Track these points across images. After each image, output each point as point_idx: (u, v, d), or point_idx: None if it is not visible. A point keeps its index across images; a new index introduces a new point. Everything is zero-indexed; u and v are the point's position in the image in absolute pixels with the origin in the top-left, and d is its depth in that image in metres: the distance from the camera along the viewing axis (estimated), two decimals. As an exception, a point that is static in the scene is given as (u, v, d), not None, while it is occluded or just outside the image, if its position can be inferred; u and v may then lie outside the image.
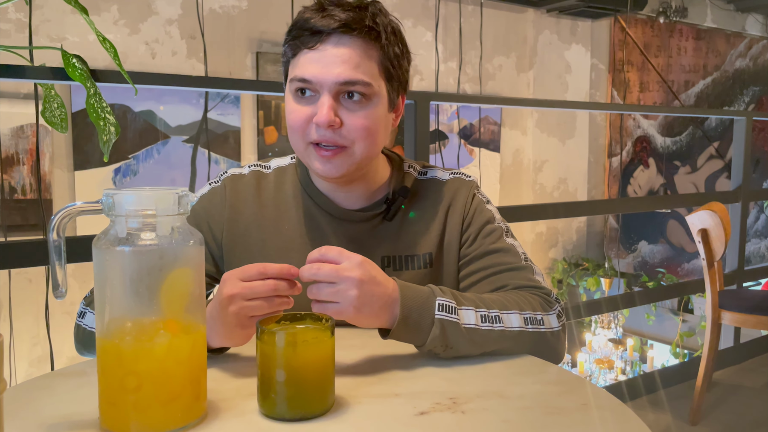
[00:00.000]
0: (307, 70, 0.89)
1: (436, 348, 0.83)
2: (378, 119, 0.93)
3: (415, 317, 0.82)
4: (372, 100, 0.92)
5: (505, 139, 4.37)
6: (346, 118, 0.90)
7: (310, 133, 0.91)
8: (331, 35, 0.88)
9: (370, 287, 0.78)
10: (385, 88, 0.94)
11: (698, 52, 5.37)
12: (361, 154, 0.93)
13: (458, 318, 0.84)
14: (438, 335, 0.82)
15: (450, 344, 0.83)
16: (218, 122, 3.30)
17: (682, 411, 2.66)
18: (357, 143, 0.92)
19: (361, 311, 0.78)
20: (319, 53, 0.89)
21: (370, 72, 0.90)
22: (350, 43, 0.89)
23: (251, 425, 0.67)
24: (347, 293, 0.76)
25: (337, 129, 0.90)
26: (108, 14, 2.96)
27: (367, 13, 0.90)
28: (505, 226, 1.04)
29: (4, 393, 0.52)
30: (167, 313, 0.64)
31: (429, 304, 0.83)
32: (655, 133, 5.15)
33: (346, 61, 0.88)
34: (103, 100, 1.42)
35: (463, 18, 4.07)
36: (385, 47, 0.92)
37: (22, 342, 2.75)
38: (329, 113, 0.89)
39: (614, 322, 4.34)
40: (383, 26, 0.91)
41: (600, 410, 0.71)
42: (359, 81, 0.89)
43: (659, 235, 5.15)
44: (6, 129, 2.71)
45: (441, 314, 0.83)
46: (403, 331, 0.82)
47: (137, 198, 0.63)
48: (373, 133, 0.93)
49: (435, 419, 0.68)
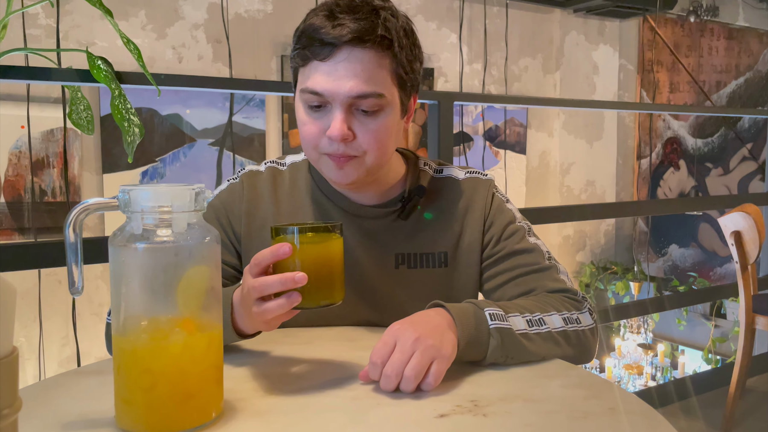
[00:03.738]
0: (318, 83, 0.88)
1: (497, 359, 0.82)
2: (390, 128, 0.92)
3: (473, 333, 0.81)
4: (384, 110, 0.90)
5: (531, 141, 4.31)
6: (359, 130, 0.90)
7: (322, 145, 0.91)
8: (343, 47, 0.86)
9: (428, 329, 0.76)
10: (397, 95, 0.92)
11: (730, 51, 5.25)
12: (372, 163, 0.93)
13: (510, 324, 0.83)
14: (497, 346, 0.81)
15: (509, 353, 0.82)
16: (243, 125, 3.32)
17: (715, 419, 2.59)
18: (369, 153, 0.91)
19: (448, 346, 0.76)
20: (330, 66, 0.87)
21: (382, 82, 0.89)
22: (362, 55, 0.87)
23: (268, 425, 0.65)
24: (428, 349, 0.74)
25: (350, 142, 0.89)
26: (136, 19, 3.00)
27: (379, 20, 0.87)
28: (526, 225, 1.03)
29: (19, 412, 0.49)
30: (183, 310, 0.63)
31: (480, 315, 0.82)
32: (685, 135, 5.04)
33: (358, 74, 0.86)
34: (127, 101, 1.43)
35: (488, 19, 4.03)
36: (397, 54, 0.89)
37: (52, 343, 2.80)
38: (342, 127, 0.88)
39: (644, 327, 4.25)
40: (395, 32, 0.89)
41: (628, 415, 0.68)
42: (372, 93, 0.88)
43: (690, 239, 5.03)
44: (36, 133, 2.76)
45: (495, 323, 0.82)
46: (467, 350, 0.80)
47: (153, 194, 0.62)
48: (384, 143, 0.92)
49: (455, 422, 0.66)
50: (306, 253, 0.73)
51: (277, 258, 0.71)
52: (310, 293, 0.72)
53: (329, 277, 0.74)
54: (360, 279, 0.99)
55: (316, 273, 0.72)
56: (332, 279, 0.75)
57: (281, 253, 0.71)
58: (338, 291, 0.76)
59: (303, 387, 0.76)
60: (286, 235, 0.73)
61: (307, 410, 0.69)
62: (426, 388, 0.74)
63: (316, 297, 0.73)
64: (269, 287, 0.71)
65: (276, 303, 0.71)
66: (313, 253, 0.73)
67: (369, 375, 0.75)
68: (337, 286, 0.75)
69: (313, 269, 0.72)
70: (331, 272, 0.75)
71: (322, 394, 0.73)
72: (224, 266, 1.01)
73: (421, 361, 0.73)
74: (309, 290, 0.71)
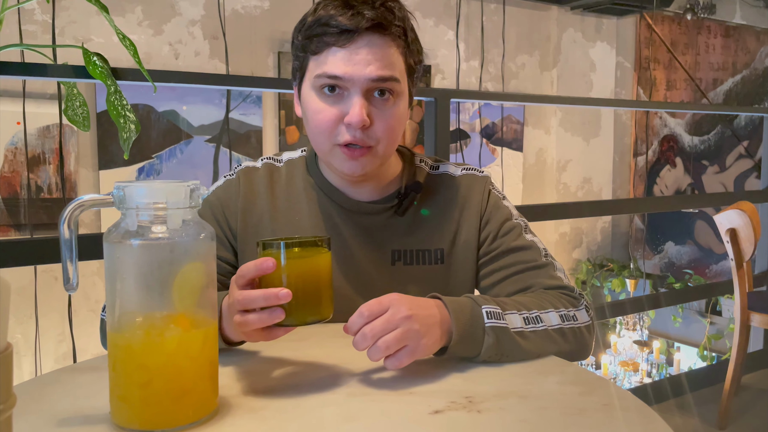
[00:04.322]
0: (338, 67, 0.88)
1: (491, 357, 0.82)
2: (403, 117, 0.94)
3: (468, 329, 0.80)
4: (399, 97, 0.93)
5: (528, 139, 4.32)
6: (376, 117, 0.91)
7: (339, 134, 0.91)
8: (363, 34, 0.88)
9: (421, 314, 0.77)
10: (407, 85, 0.95)
11: (727, 49, 5.25)
12: (384, 153, 0.94)
13: (506, 323, 0.83)
14: (492, 344, 0.81)
15: (504, 352, 0.82)
16: (240, 122, 3.32)
17: (710, 415, 2.60)
18: (381, 142, 0.92)
19: (429, 340, 0.76)
20: (349, 52, 0.88)
21: (399, 69, 0.91)
22: (381, 41, 0.89)
23: (263, 422, 0.66)
24: (410, 332, 0.74)
25: (367, 129, 0.90)
26: (132, 15, 2.99)
27: (395, 10, 0.90)
28: (523, 222, 1.04)
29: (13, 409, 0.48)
30: (178, 307, 0.64)
31: (477, 313, 0.82)
32: (682, 132, 5.05)
33: (379, 59, 0.88)
34: (123, 97, 1.43)
35: (486, 16, 4.03)
36: (410, 44, 0.93)
37: (48, 339, 2.79)
38: (362, 112, 0.88)
39: (639, 323, 4.26)
40: (407, 22, 0.92)
41: (622, 411, 0.68)
42: (391, 77, 0.89)
43: (686, 236, 5.04)
44: (32, 129, 2.75)
45: (491, 322, 0.82)
46: (460, 346, 0.80)
47: (148, 190, 0.62)
48: (397, 131, 0.94)
49: (450, 418, 0.66)
50: (292, 269, 0.71)
51: (261, 272, 0.70)
52: (296, 309, 0.71)
53: (316, 293, 0.73)
54: (356, 275, 1.00)
55: (302, 289, 0.71)
56: (319, 295, 0.73)
57: (264, 267, 0.70)
58: (326, 307, 0.74)
59: (298, 383, 0.76)
60: (272, 250, 0.71)
61: (303, 406, 0.69)
62: (387, 365, 0.74)
63: (302, 313, 0.72)
64: (253, 302, 0.69)
65: (256, 316, 0.70)
66: (299, 268, 0.72)
67: (349, 325, 0.75)
68: (324, 302, 0.74)
69: (300, 285, 0.71)
70: (318, 288, 0.73)
71: (317, 390, 0.73)
72: (221, 262, 1.01)
73: (397, 339, 0.73)
74: (295, 306, 0.71)
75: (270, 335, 0.73)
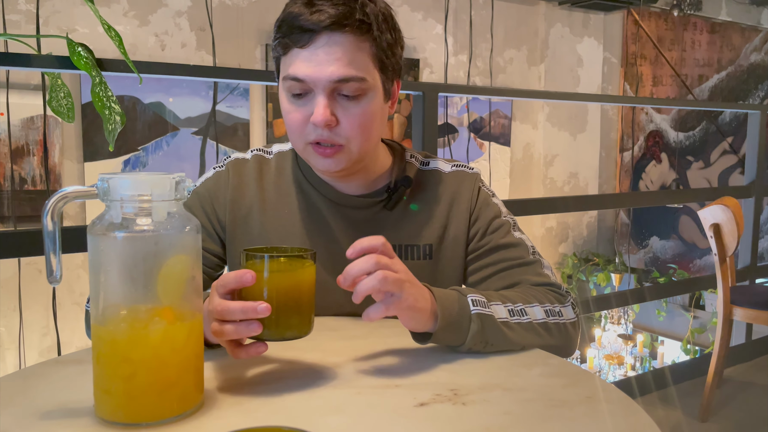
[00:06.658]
0: (299, 69, 0.88)
1: (476, 345, 0.82)
2: (374, 114, 0.92)
3: (454, 316, 0.81)
4: (367, 94, 0.90)
5: (515, 133, 4.33)
6: (342, 115, 0.89)
7: (308, 133, 0.91)
8: (322, 33, 0.86)
9: (411, 287, 0.77)
10: (379, 79, 0.92)
11: (712, 46, 5.30)
12: (358, 150, 0.93)
13: (492, 312, 0.83)
14: (477, 331, 0.81)
15: (489, 340, 0.82)
16: (227, 114, 3.30)
17: (692, 407, 2.63)
18: (353, 141, 0.91)
19: (418, 304, 0.77)
20: (310, 52, 0.87)
21: (363, 66, 0.89)
22: (341, 39, 0.87)
23: (249, 414, 0.66)
24: (394, 294, 0.74)
25: (334, 127, 0.90)
26: (118, 6, 2.96)
27: (357, 5, 0.87)
28: (512, 219, 1.04)
29: None
30: (163, 300, 0.63)
31: (462, 301, 0.83)
32: (667, 128, 5.09)
33: (339, 58, 0.87)
34: (108, 89, 1.42)
35: (474, 10, 4.03)
36: (377, 38, 0.89)
37: (32, 332, 2.77)
38: (325, 112, 0.88)
39: (624, 317, 4.30)
40: (374, 16, 0.89)
41: (606, 404, 0.69)
42: (353, 77, 0.87)
43: (671, 231, 5.09)
44: (16, 120, 2.72)
45: (476, 309, 0.82)
46: (445, 332, 0.81)
47: (133, 183, 0.62)
48: (368, 129, 0.92)
49: (435, 410, 0.66)
50: (273, 282, 0.70)
51: (241, 285, 0.69)
52: (275, 324, 0.69)
53: (296, 308, 0.71)
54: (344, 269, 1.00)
55: (283, 303, 0.70)
56: (299, 311, 0.71)
57: (244, 281, 0.68)
58: (305, 324, 0.72)
59: (284, 376, 0.76)
60: (255, 261, 0.70)
61: (289, 399, 0.69)
62: (363, 316, 0.74)
63: (281, 328, 0.70)
64: (231, 313, 0.68)
65: (233, 327, 0.69)
66: (281, 282, 0.70)
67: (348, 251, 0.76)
68: (304, 318, 0.72)
69: (281, 299, 0.69)
70: (299, 304, 0.71)
71: (303, 382, 0.74)
72: (208, 255, 1.00)
73: (379, 289, 0.73)
74: (275, 321, 0.69)
75: (242, 353, 0.72)
